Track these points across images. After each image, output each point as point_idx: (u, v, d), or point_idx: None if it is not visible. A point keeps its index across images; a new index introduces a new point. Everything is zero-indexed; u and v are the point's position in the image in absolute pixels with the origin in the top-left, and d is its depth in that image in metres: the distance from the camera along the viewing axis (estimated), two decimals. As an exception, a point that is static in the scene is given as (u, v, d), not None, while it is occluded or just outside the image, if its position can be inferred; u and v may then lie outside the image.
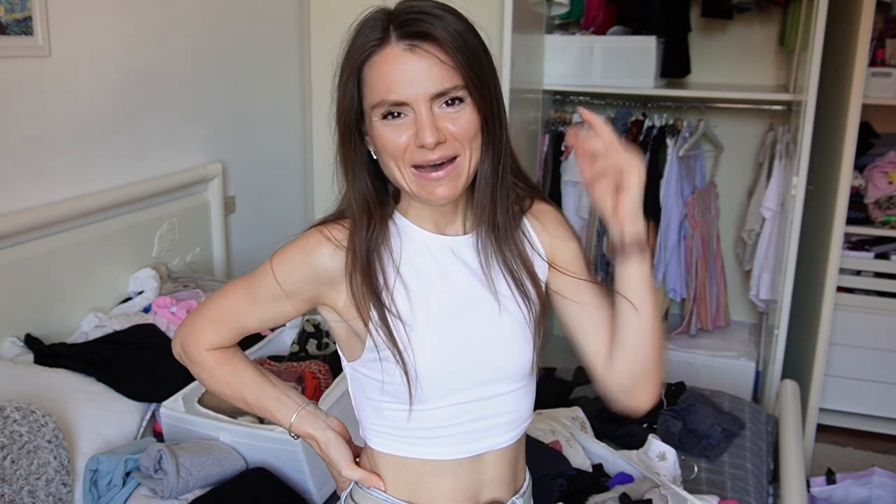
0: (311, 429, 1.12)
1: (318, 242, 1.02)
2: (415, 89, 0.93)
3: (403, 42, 0.94)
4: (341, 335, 1.08)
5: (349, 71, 0.97)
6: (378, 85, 0.95)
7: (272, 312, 1.08)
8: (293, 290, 1.04)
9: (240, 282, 1.10)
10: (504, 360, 1.06)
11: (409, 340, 1.00)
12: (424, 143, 0.94)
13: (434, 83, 0.94)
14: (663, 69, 3.24)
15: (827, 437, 3.25)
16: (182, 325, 1.16)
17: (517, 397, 1.09)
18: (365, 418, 1.10)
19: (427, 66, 0.93)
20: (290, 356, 2.23)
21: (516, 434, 1.11)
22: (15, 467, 1.57)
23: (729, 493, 2.03)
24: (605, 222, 0.98)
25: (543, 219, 1.12)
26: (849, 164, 2.72)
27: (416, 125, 0.94)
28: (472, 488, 1.09)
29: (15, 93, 2.07)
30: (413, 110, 0.94)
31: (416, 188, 0.98)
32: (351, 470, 1.10)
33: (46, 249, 2.13)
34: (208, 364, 1.13)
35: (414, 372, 1.00)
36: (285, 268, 1.04)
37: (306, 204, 3.55)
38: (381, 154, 0.99)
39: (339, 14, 3.30)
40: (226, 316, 1.11)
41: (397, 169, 0.98)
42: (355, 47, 0.97)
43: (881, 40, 3.12)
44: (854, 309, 3.16)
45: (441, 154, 0.95)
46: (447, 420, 1.04)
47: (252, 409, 1.16)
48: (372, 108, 0.96)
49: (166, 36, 2.58)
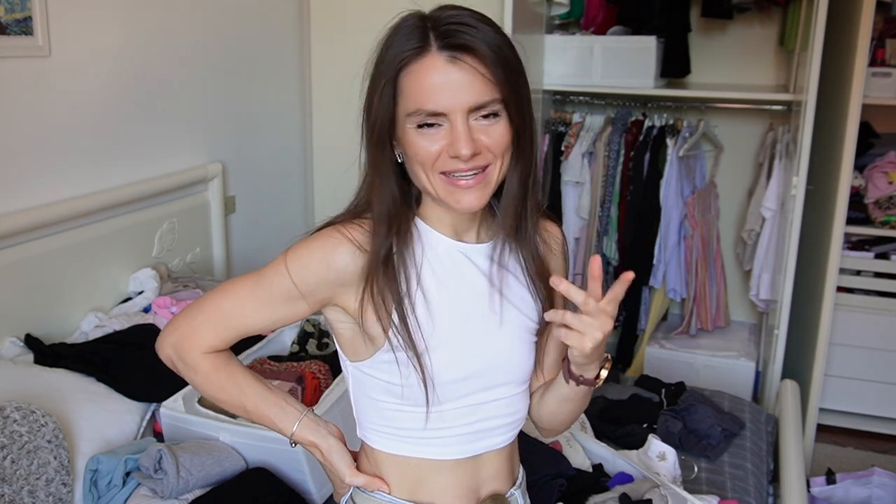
0: (313, 436, 1.11)
1: (338, 242, 1.00)
2: (454, 101, 0.93)
3: (445, 53, 0.93)
4: (346, 335, 1.07)
5: (386, 77, 0.96)
6: (416, 94, 0.94)
7: (282, 314, 1.05)
8: (308, 291, 1.01)
9: (244, 281, 1.06)
10: (511, 366, 1.08)
11: (427, 345, 1.00)
12: (460, 154, 0.94)
13: (474, 96, 0.94)
14: (663, 69, 3.24)
15: (827, 437, 3.25)
16: (172, 326, 1.10)
17: (518, 400, 1.11)
18: (365, 418, 1.10)
19: (468, 78, 0.93)
20: (290, 356, 2.23)
21: (513, 434, 1.14)
22: (15, 467, 1.57)
23: (729, 493, 2.03)
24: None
25: (549, 238, 1.13)
26: (849, 164, 2.72)
27: (452, 136, 0.94)
28: (472, 484, 1.10)
29: (15, 93, 2.06)
30: (449, 121, 0.94)
31: (444, 195, 0.98)
32: (354, 476, 1.10)
33: (46, 249, 2.13)
34: (204, 369, 1.08)
35: (431, 375, 1.01)
36: (301, 267, 1.01)
37: (306, 204, 3.55)
38: (409, 160, 0.99)
39: (339, 14, 3.33)
40: (229, 317, 1.06)
41: (425, 176, 0.98)
42: (392, 53, 0.95)
43: (881, 40, 3.12)
44: (854, 309, 3.16)
45: (473, 164, 0.96)
46: (452, 421, 1.05)
47: (250, 415, 1.12)
48: (407, 115, 0.96)
49: (166, 36, 2.58)
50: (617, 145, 3.25)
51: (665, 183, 3.18)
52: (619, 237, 3.31)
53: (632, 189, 3.24)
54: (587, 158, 3.29)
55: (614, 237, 3.31)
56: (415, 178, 1.00)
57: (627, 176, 3.26)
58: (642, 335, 3.37)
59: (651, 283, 3.27)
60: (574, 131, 3.33)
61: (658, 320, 3.40)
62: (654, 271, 3.24)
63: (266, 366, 2.11)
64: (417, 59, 0.94)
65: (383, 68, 0.96)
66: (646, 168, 3.21)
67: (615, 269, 3.38)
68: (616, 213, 3.30)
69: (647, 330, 3.35)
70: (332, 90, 3.43)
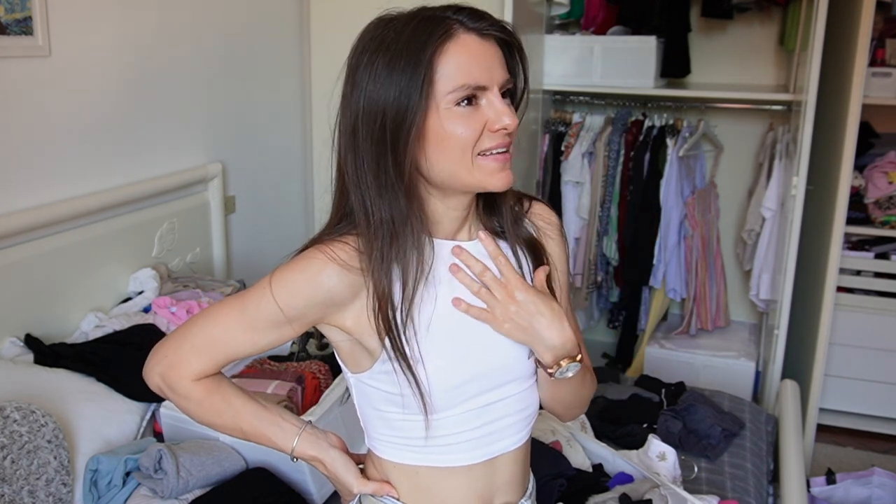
0: (314, 450, 1.10)
1: (322, 264, 0.97)
2: (493, 74, 0.96)
3: (475, 32, 0.95)
4: (344, 349, 1.06)
5: (410, 64, 0.92)
6: (457, 70, 0.94)
7: (271, 338, 1.02)
8: (296, 315, 0.99)
9: (229, 306, 1.03)
10: (512, 362, 1.06)
11: (421, 354, 0.99)
12: (506, 125, 0.95)
13: (502, 71, 0.97)
14: (663, 69, 3.24)
15: (827, 437, 3.25)
16: (158, 355, 1.06)
17: (527, 395, 1.09)
18: (372, 428, 1.09)
19: (498, 55, 0.97)
20: (290, 356, 2.23)
21: (527, 433, 1.12)
22: (15, 467, 1.57)
23: (729, 493, 2.03)
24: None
25: (540, 221, 1.13)
26: (849, 164, 2.72)
27: (492, 110, 0.96)
28: (485, 493, 1.09)
29: (15, 93, 2.06)
30: (486, 98, 0.96)
31: (483, 176, 0.97)
32: (363, 485, 1.09)
33: (46, 249, 2.13)
34: (196, 396, 1.06)
35: (427, 384, 1.00)
36: (287, 292, 0.98)
37: (306, 204, 3.55)
38: (442, 148, 0.95)
39: (339, 14, 3.33)
40: (215, 343, 1.03)
41: (461, 161, 0.96)
42: (419, 41, 0.93)
43: (881, 40, 3.12)
44: (854, 309, 3.16)
45: (509, 140, 0.98)
46: (459, 427, 1.04)
47: (248, 437, 1.11)
48: (448, 93, 0.94)
49: (166, 36, 2.58)
50: (617, 145, 3.25)
51: (665, 183, 3.18)
52: (619, 237, 3.31)
53: (632, 189, 3.25)
54: (587, 158, 3.29)
55: (614, 237, 3.31)
56: (443, 167, 0.97)
57: (627, 176, 3.26)
58: (642, 335, 3.38)
59: (651, 283, 3.28)
60: (574, 131, 3.33)
61: (658, 320, 3.40)
62: (654, 271, 3.25)
63: (266, 366, 2.11)
64: (452, 38, 0.94)
65: (409, 55, 0.93)
66: (646, 168, 3.21)
67: (615, 269, 3.38)
68: (616, 213, 3.30)
69: (647, 330, 3.35)
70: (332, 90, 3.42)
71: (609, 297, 3.44)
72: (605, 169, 3.27)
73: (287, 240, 3.38)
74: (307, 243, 1.02)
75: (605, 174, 3.28)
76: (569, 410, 1.16)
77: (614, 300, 3.44)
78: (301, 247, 1.02)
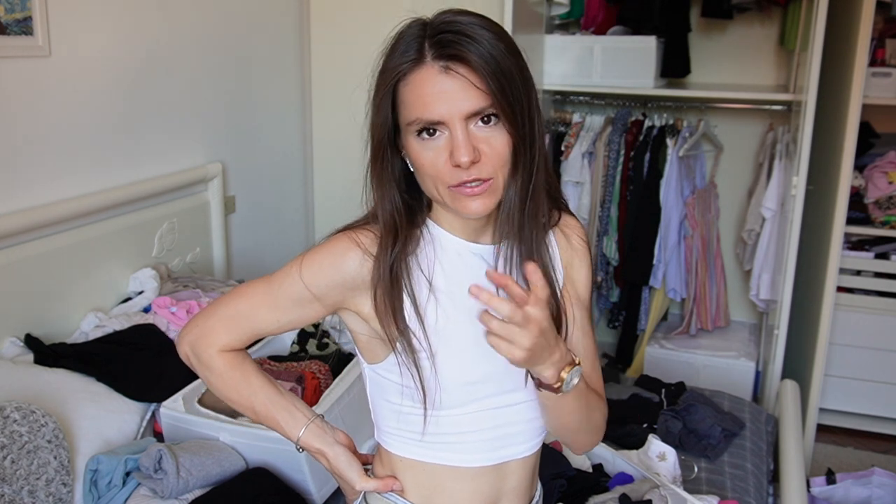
0: (319, 443, 1.11)
1: (347, 248, 1.02)
2: (449, 108, 0.93)
3: (438, 63, 0.94)
4: (362, 339, 1.08)
5: (384, 89, 0.97)
6: (414, 103, 0.95)
7: (293, 316, 1.06)
8: (319, 294, 1.03)
9: (258, 284, 1.08)
10: (517, 368, 1.04)
11: (431, 350, 1.00)
12: (460, 162, 0.93)
13: (468, 103, 0.93)
14: (663, 69, 3.24)
15: (827, 437, 3.25)
16: (190, 326, 1.12)
17: (537, 406, 1.08)
18: (383, 421, 1.10)
19: (461, 86, 0.93)
20: (290, 356, 2.23)
21: (538, 442, 1.12)
22: (15, 467, 1.57)
23: (729, 493, 2.03)
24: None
25: (569, 234, 1.13)
26: (849, 164, 2.72)
27: (452, 144, 0.94)
28: (491, 497, 1.09)
29: (15, 93, 2.06)
30: (448, 129, 0.94)
31: (451, 202, 0.98)
32: (365, 482, 1.09)
33: (46, 249, 2.13)
34: (219, 367, 1.10)
35: (435, 379, 1.01)
36: (313, 271, 1.03)
37: (306, 204, 3.55)
38: (419, 173, 1.00)
39: (340, 15, 3.33)
40: (242, 317, 1.08)
41: (433, 185, 0.98)
42: (391, 66, 0.96)
43: (881, 40, 3.12)
44: (854, 309, 3.16)
45: (476, 174, 0.95)
46: (469, 426, 1.05)
47: (259, 417, 1.13)
48: (407, 125, 0.96)
49: (166, 36, 2.58)
50: (617, 145, 3.25)
51: (665, 183, 3.18)
52: (619, 237, 3.31)
53: (632, 189, 3.24)
54: (587, 158, 3.29)
55: (614, 237, 3.31)
56: (424, 187, 1.01)
57: (627, 176, 3.26)
58: (642, 335, 3.37)
59: (651, 283, 3.27)
60: (574, 131, 3.33)
61: (658, 320, 3.40)
62: (654, 271, 3.24)
63: (266, 366, 2.11)
64: (413, 70, 0.95)
65: (382, 80, 0.98)
66: (646, 168, 3.21)
67: (615, 269, 3.38)
68: (616, 213, 3.30)
69: (647, 330, 3.35)
70: (332, 90, 3.43)
71: (609, 297, 3.44)
72: (605, 169, 3.27)
73: (287, 240, 3.38)
74: (339, 228, 1.06)
75: (605, 174, 3.28)
76: (576, 436, 1.12)
77: (614, 300, 3.44)
78: (332, 231, 1.06)
